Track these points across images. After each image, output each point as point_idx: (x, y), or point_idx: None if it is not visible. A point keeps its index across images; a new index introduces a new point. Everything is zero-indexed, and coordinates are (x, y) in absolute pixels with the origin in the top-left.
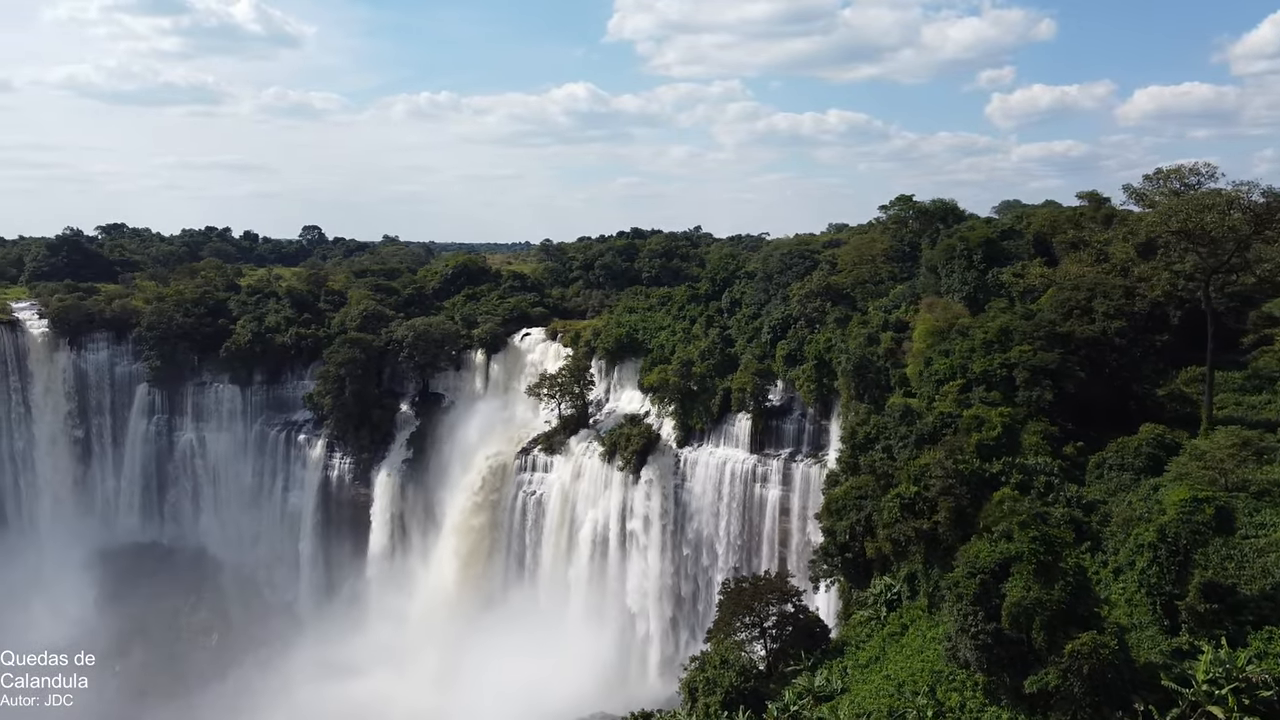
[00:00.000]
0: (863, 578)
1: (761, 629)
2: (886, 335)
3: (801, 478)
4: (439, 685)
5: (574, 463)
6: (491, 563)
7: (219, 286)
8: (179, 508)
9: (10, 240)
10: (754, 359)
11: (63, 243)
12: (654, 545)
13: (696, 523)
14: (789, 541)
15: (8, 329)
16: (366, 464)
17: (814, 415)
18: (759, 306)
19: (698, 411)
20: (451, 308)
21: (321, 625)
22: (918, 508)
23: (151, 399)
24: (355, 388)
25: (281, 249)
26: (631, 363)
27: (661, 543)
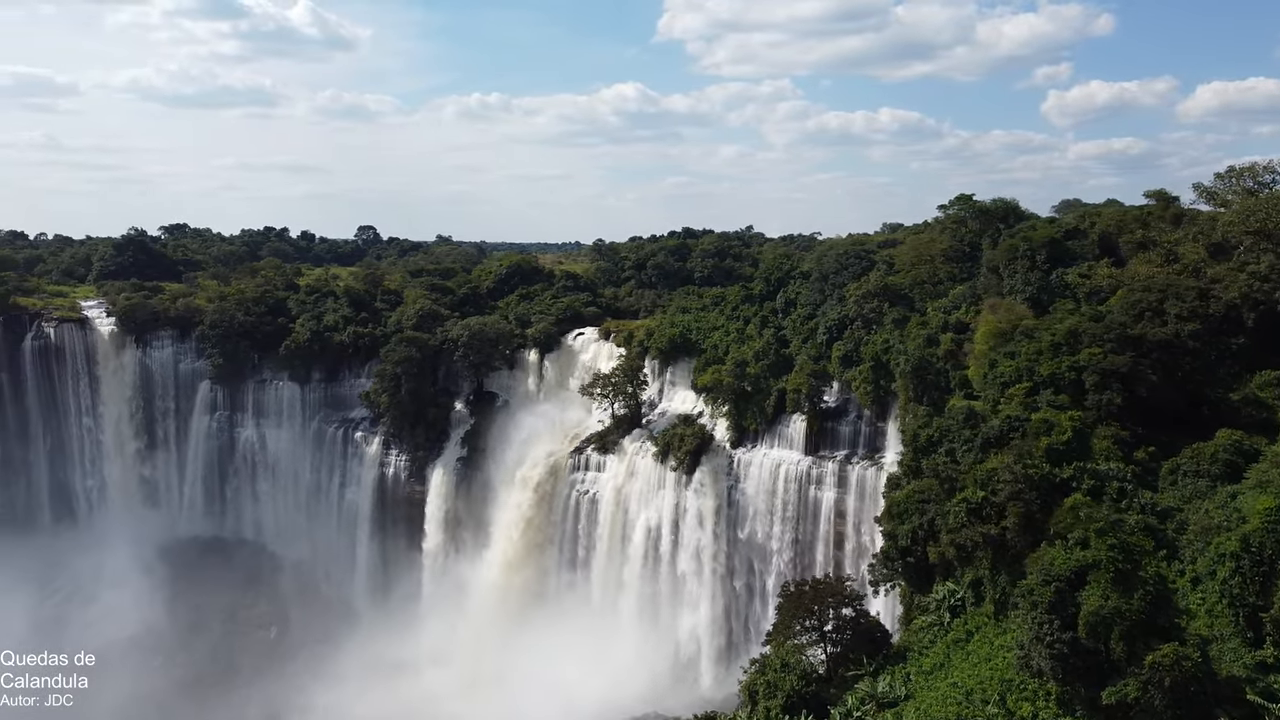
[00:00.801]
0: (924, 583)
1: (821, 633)
2: (946, 336)
3: (857, 480)
4: (491, 683)
5: (627, 462)
6: (544, 561)
7: (278, 286)
8: (239, 503)
9: (78, 240)
10: (809, 360)
11: (128, 243)
12: (707, 546)
13: (750, 524)
14: (844, 544)
15: (77, 327)
16: (422, 462)
17: (870, 417)
18: (814, 307)
19: (752, 412)
20: (505, 307)
21: (377, 621)
22: (985, 513)
23: (214, 396)
24: (411, 386)
25: (337, 249)
26: (685, 363)
27: (714, 543)
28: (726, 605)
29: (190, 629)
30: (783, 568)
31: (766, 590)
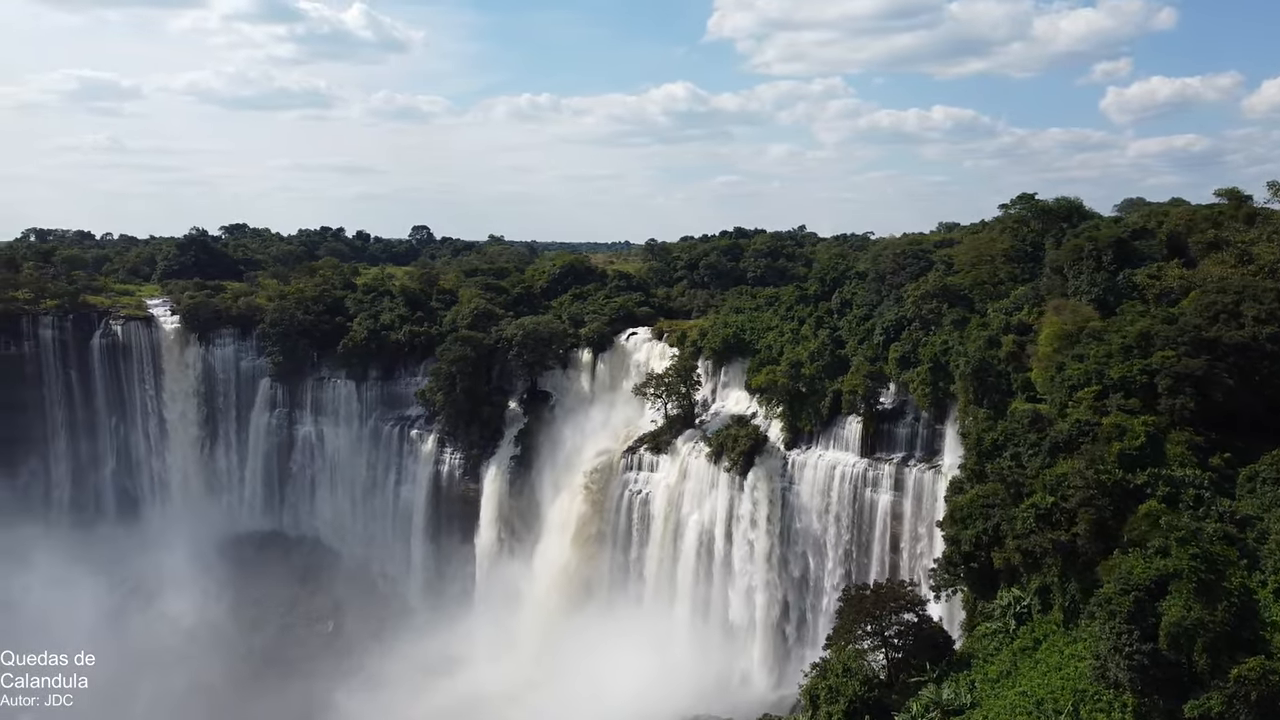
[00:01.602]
0: (988, 589)
1: (883, 637)
2: (1008, 338)
3: (914, 483)
4: (543, 681)
5: (680, 463)
6: (596, 561)
7: (336, 285)
8: (298, 499)
9: (143, 240)
10: (865, 361)
11: (191, 242)
12: (760, 547)
13: (804, 526)
14: (900, 548)
15: (143, 325)
16: (476, 460)
17: (928, 419)
18: (871, 307)
19: (806, 413)
20: (559, 307)
21: (431, 616)
22: (1055, 519)
23: (273, 393)
24: (466, 385)
25: (392, 248)
26: (738, 363)
27: (768, 545)
28: (779, 608)
29: (250, 623)
30: (837, 571)
31: (820, 593)
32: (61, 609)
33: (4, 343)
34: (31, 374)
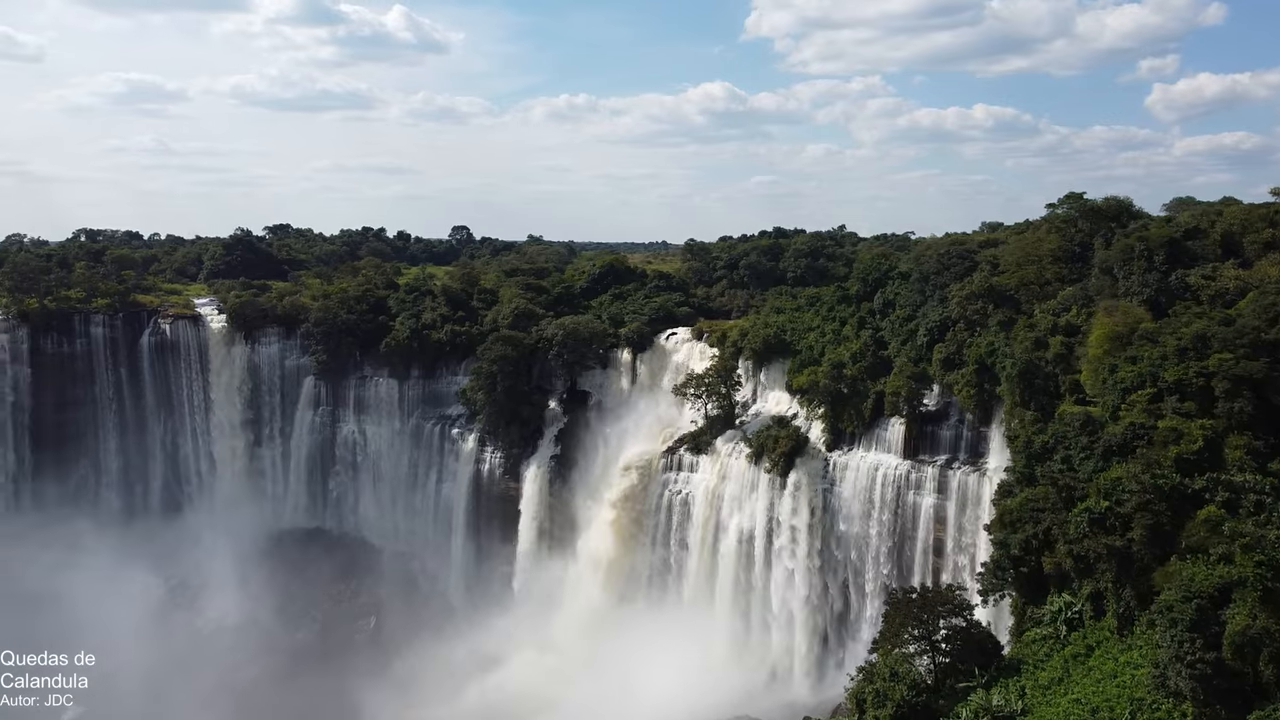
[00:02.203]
0: (1037, 594)
1: (930, 642)
2: (1056, 340)
3: (958, 486)
4: (582, 679)
5: (720, 463)
6: (636, 560)
7: (378, 285)
8: (341, 496)
9: (189, 240)
10: (908, 362)
11: (236, 243)
12: (801, 549)
13: (845, 528)
14: (943, 551)
15: (191, 323)
16: (516, 459)
17: (972, 422)
18: (914, 308)
19: (848, 415)
20: (599, 306)
21: (471, 614)
22: (1109, 523)
23: (317, 391)
24: (507, 384)
25: (432, 248)
26: (779, 364)
27: (809, 547)
28: (820, 609)
29: (293, 619)
30: (879, 573)
31: (862, 595)
32: (110, 603)
33: (57, 340)
34: (83, 371)
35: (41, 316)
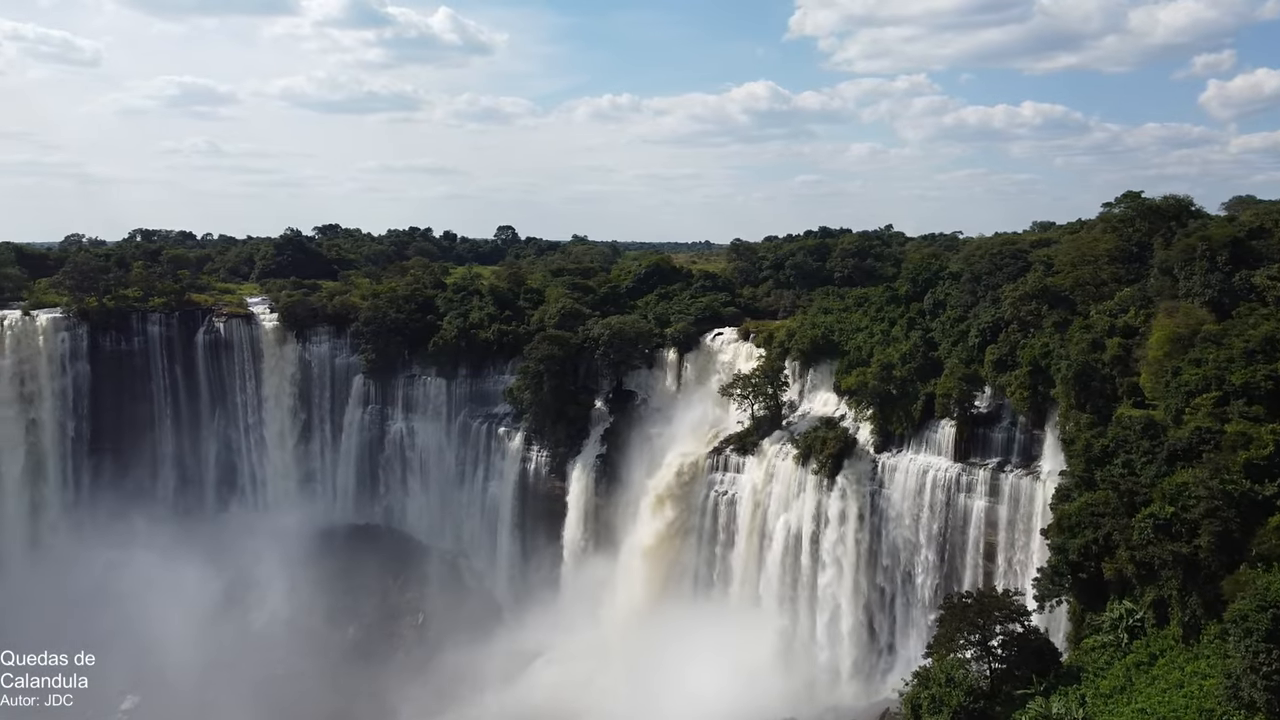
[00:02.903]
0: (1096, 600)
1: (985, 647)
2: (1113, 341)
3: (1010, 489)
4: (626, 678)
5: (766, 464)
6: (681, 561)
7: (426, 284)
8: (389, 493)
9: (241, 240)
10: (959, 363)
11: (286, 243)
12: (849, 552)
13: (894, 531)
14: (995, 555)
15: (244, 322)
16: (562, 458)
17: (1025, 424)
18: (965, 309)
19: (898, 416)
20: (644, 306)
21: (517, 612)
22: (1174, 529)
23: (366, 389)
24: (553, 384)
25: (478, 248)
26: (826, 364)
27: (856, 549)
28: (867, 613)
29: (342, 614)
30: (928, 576)
31: (911, 599)
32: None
33: (115, 338)
34: (140, 368)
35: (101, 315)
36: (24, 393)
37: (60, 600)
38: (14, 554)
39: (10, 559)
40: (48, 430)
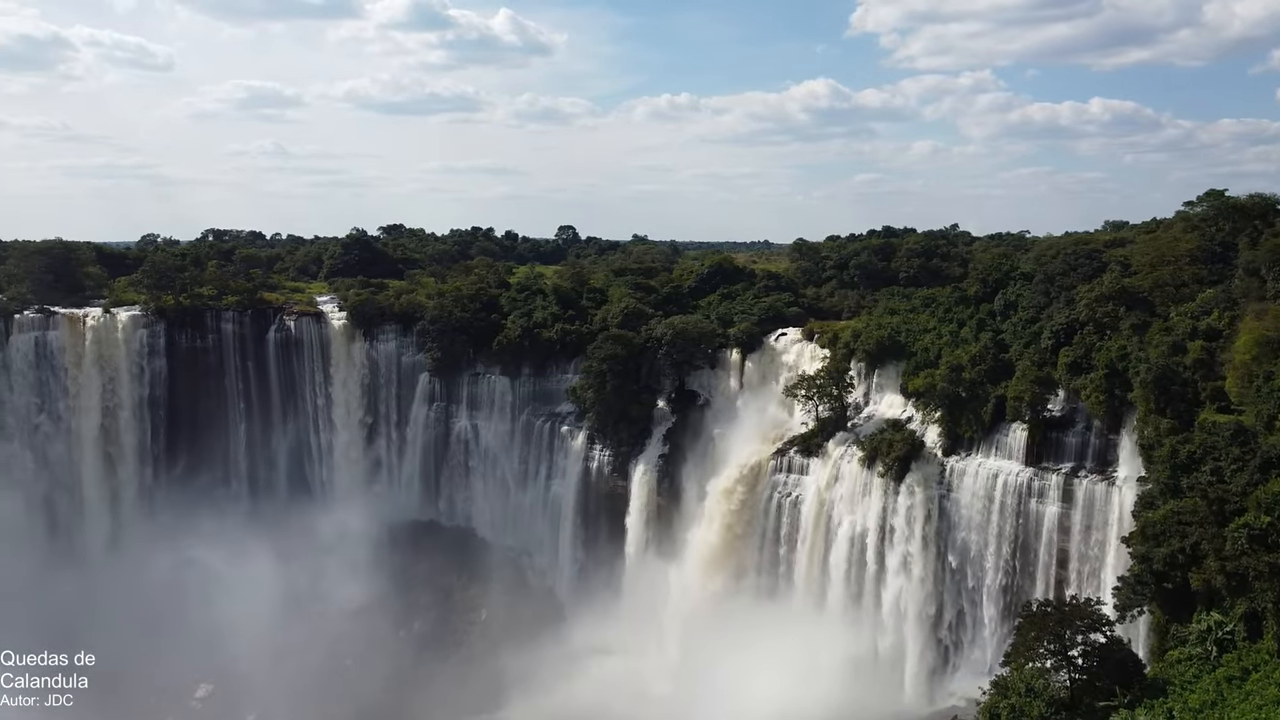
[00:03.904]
0: (1181, 611)
1: (1066, 657)
2: (1195, 344)
3: (1085, 495)
4: (686, 679)
5: (831, 466)
6: (744, 562)
7: (491, 284)
8: (453, 490)
9: (309, 240)
10: (1031, 366)
11: (353, 242)
12: (915, 556)
13: (962, 536)
14: (1068, 563)
15: (313, 320)
16: (624, 457)
17: (1100, 429)
18: (1038, 310)
19: (967, 419)
20: (707, 306)
21: (579, 609)
22: (1270, 540)
23: (431, 387)
24: (616, 383)
25: (539, 247)
26: (893, 366)
27: (923, 554)
28: (933, 619)
29: (409, 608)
30: (997, 583)
31: (979, 606)
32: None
33: (191, 336)
34: (214, 366)
35: (177, 313)
36: (104, 388)
37: (137, 592)
38: (93, 547)
39: (89, 552)
40: (126, 425)
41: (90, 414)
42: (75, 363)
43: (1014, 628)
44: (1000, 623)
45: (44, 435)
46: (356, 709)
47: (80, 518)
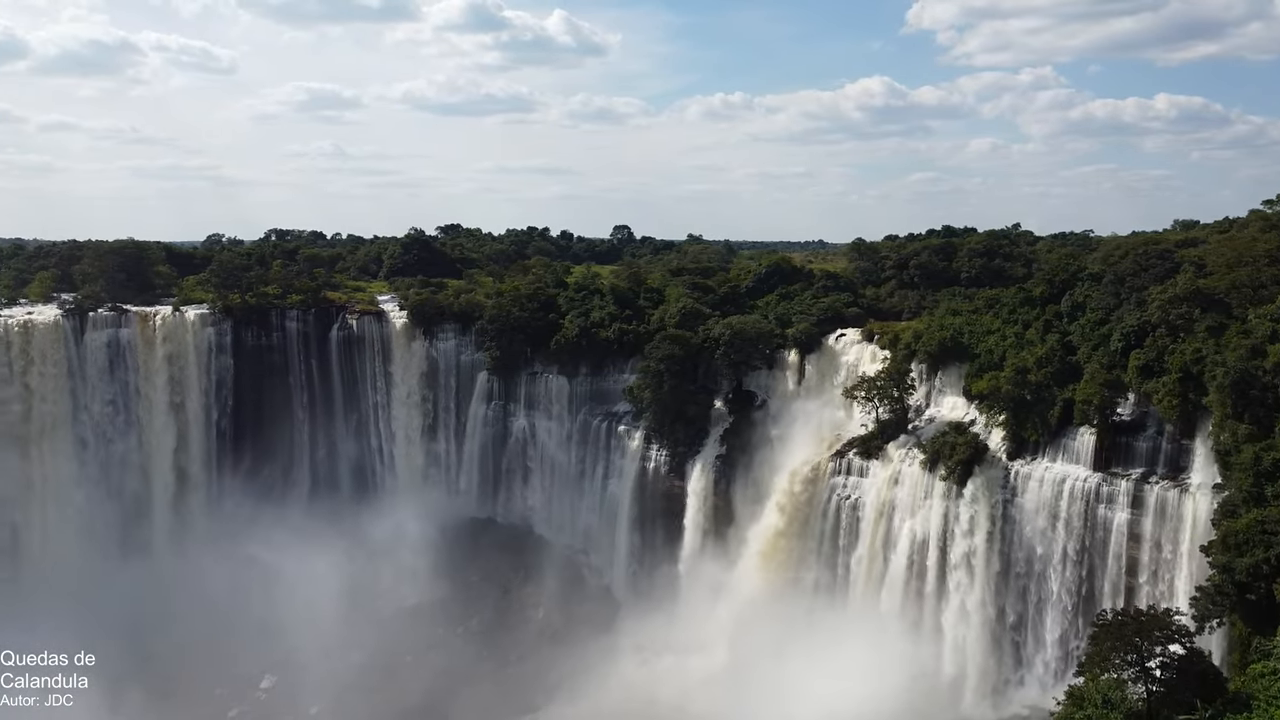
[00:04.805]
0: (1265, 624)
1: (1143, 669)
2: (1275, 347)
3: (1156, 502)
4: (740, 680)
5: (892, 469)
6: (801, 565)
7: (548, 283)
8: (511, 488)
9: (368, 239)
10: (1101, 368)
11: (413, 242)
12: (978, 562)
13: (1027, 542)
14: (1137, 570)
15: (375, 319)
16: (681, 457)
17: (1173, 433)
18: (1107, 311)
19: (1032, 422)
20: (765, 306)
21: (636, 609)
22: None
23: (490, 386)
24: (673, 383)
25: (594, 247)
26: (955, 368)
27: (986, 560)
28: (995, 625)
29: (467, 604)
30: (1062, 590)
31: (1043, 613)
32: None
33: (257, 334)
34: (279, 363)
35: (243, 311)
36: (173, 385)
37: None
38: (161, 540)
39: (157, 544)
40: (194, 421)
41: (160, 410)
42: (146, 360)
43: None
44: (1066, 631)
45: (116, 430)
46: (415, 704)
47: (149, 511)
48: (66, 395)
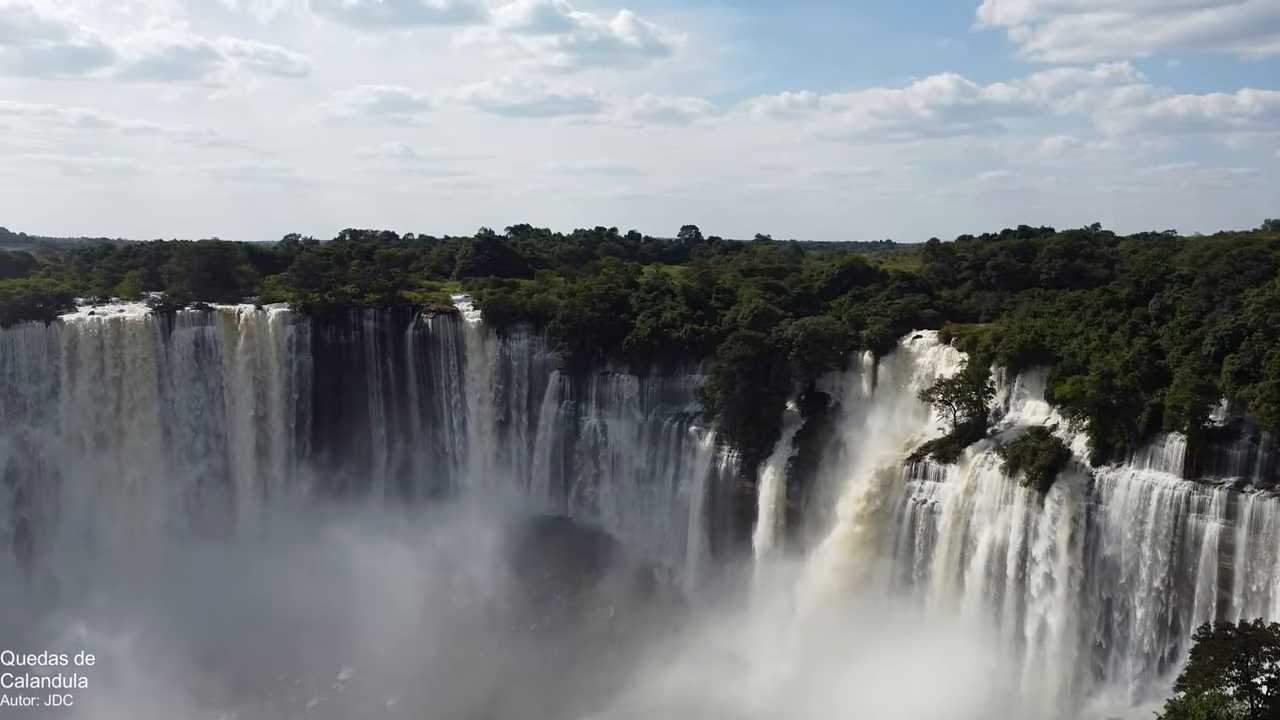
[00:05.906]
0: None
1: (1249, 684)
2: None
3: (1251, 512)
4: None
5: (970, 474)
6: (876, 569)
7: (620, 284)
8: (582, 487)
9: (440, 240)
10: (1191, 373)
11: (485, 242)
12: (1060, 570)
13: (1111, 550)
14: (1231, 583)
15: (449, 318)
16: (753, 459)
17: (1270, 441)
18: (1199, 314)
19: (1118, 428)
20: (838, 307)
21: (706, 611)
22: None
23: (562, 385)
24: (745, 384)
25: (662, 247)
26: (1036, 371)
27: (1069, 568)
28: (1077, 635)
29: (538, 601)
30: (1149, 602)
31: (1128, 625)
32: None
33: (335, 332)
34: (356, 362)
35: (323, 310)
36: (255, 382)
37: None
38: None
39: (240, 538)
40: (275, 418)
41: (243, 406)
42: (230, 357)
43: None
44: (1151, 643)
45: (202, 425)
46: (484, 699)
47: (230, 504)
48: (154, 390)
